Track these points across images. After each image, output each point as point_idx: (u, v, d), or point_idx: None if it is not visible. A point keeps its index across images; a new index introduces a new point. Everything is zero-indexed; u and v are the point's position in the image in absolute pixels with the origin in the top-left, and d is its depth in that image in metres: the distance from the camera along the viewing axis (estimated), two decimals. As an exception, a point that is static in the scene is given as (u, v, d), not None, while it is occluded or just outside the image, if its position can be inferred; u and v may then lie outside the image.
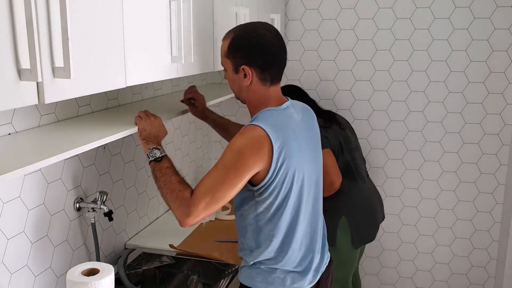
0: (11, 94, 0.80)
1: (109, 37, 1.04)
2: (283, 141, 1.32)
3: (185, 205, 1.29)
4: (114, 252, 1.84)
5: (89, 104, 1.59)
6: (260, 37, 1.36)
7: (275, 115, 1.37)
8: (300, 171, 1.38)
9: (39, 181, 1.41)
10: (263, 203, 1.36)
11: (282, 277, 1.42)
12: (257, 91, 1.40)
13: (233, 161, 1.28)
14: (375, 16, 2.52)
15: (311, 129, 1.49)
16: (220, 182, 1.28)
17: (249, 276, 1.45)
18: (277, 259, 1.41)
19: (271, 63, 1.38)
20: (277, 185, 1.33)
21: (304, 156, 1.40)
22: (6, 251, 1.29)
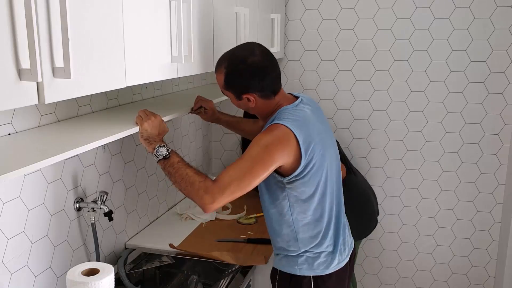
0: (11, 94, 0.80)
1: (109, 37, 1.04)
2: (306, 134, 1.42)
3: (210, 193, 1.35)
4: (114, 252, 1.84)
5: (89, 104, 1.59)
6: (250, 67, 1.44)
7: (292, 112, 1.47)
8: (324, 158, 1.48)
9: (39, 181, 1.41)
10: (295, 191, 1.46)
11: (325, 260, 1.53)
12: (264, 106, 1.51)
13: (260, 154, 1.37)
14: (375, 16, 2.52)
15: (321, 118, 1.59)
16: (247, 172, 1.37)
17: (291, 265, 1.55)
18: (319, 243, 1.52)
19: (268, 83, 1.47)
20: (308, 174, 1.43)
21: (324, 144, 1.49)
22: (6, 251, 1.29)
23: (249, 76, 1.44)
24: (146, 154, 2.05)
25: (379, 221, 2.76)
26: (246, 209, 2.27)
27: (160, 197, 2.22)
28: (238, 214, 2.21)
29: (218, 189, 1.35)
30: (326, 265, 1.54)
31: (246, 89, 1.46)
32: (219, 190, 1.35)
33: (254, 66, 1.44)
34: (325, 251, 1.54)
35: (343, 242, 1.59)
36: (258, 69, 1.44)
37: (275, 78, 1.49)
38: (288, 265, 1.56)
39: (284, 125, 1.40)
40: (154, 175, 2.14)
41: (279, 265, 1.59)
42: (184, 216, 2.18)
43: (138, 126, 1.40)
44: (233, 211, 2.26)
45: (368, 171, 2.70)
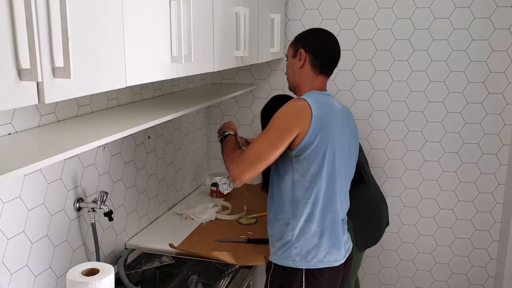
0: (11, 94, 0.80)
1: (109, 37, 1.04)
2: (323, 113, 1.52)
3: (235, 164, 1.53)
4: (114, 252, 1.84)
5: (89, 104, 1.59)
6: (321, 34, 1.67)
7: (319, 96, 1.59)
8: (335, 147, 1.54)
9: (39, 181, 1.41)
10: (300, 168, 1.52)
11: (319, 252, 1.56)
12: (307, 77, 1.64)
13: (276, 124, 1.52)
14: (375, 16, 2.52)
15: (349, 122, 1.69)
16: (264, 144, 1.50)
17: (285, 256, 1.58)
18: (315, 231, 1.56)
19: (323, 54, 1.63)
20: (313, 150, 1.50)
21: (339, 137, 1.57)
22: (6, 251, 1.29)
23: (315, 38, 1.65)
24: (146, 154, 2.05)
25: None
26: (246, 209, 2.27)
27: (160, 197, 2.22)
28: (238, 214, 2.21)
29: (242, 160, 1.52)
30: (319, 258, 1.56)
31: (306, 44, 1.63)
32: (243, 161, 1.51)
33: (324, 35, 1.66)
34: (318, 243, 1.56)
35: (339, 239, 1.60)
36: (324, 39, 1.64)
37: (330, 58, 1.64)
38: (282, 257, 1.59)
39: (304, 99, 1.53)
40: (154, 175, 2.14)
41: (274, 258, 1.62)
42: (184, 216, 2.18)
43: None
44: (233, 211, 2.26)
45: (368, 171, 2.70)
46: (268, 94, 2.72)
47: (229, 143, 1.65)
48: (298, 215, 1.56)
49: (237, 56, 1.87)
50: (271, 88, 2.73)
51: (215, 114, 2.80)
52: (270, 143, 1.49)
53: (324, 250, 1.57)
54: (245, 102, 2.77)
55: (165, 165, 2.24)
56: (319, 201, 1.55)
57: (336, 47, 1.67)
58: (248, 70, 2.72)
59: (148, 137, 2.06)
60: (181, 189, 2.44)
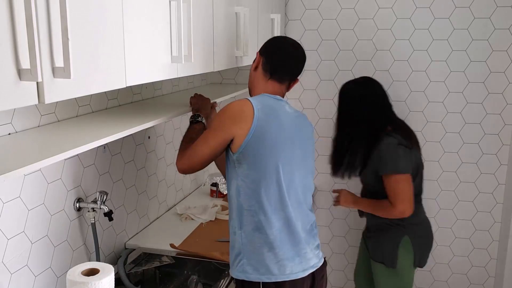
0: (11, 94, 0.80)
1: (109, 37, 1.04)
2: (266, 115, 1.45)
3: (179, 154, 1.56)
4: (114, 252, 1.84)
5: (89, 104, 1.59)
6: (283, 41, 1.62)
7: (267, 98, 1.53)
8: (280, 151, 1.46)
9: (39, 181, 1.41)
10: (242, 174, 1.46)
11: (271, 264, 1.47)
12: (258, 80, 1.60)
13: (214, 122, 1.50)
14: (375, 16, 2.52)
15: (304, 129, 1.60)
16: (201, 141, 1.49)
17: (238, 269, 1.50)
18: (263, 241, 1.46)
19: (275, 59, 1.57)
20: (253, 155, 1.44)
21: (287, 140, 1.49)
22: (6, 251, 1.29)
23: (276, 44, 1.61)
24: (146, 154, 2.05)
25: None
26: None
27: (160, 197, 2.22)
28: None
29: (183, 152, 1.54)
30: (273, 271, 1.46)
31: (264, 48, 1.61)
32: (183, 153, 1.53)
33: (285, 44, 1.60)
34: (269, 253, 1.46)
35: (296, 249, 1.50)
36: (284, 47, 1.59)
37: (284, 68, 1.58)
38: (237, 270, 1.51)
39: (249, 100, 1.48)
40: (154, 175, 2.14)
41: (231, 271, 1.54)
42: (184, 216, 2.18)
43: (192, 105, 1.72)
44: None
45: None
46: (268, 94, 2.72)
47: (194, 130, 1.62)
48: (245, 224, 1.47)
49: (237, 56, 1.87)
50: (271, 88, 2.72)
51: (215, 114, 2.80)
52: (206, 142, 1.47)
53: (277, 262, 1.47)
54: (245, 102, 2.76)
55: (165, 165, 2.24)
56: (263, 209, 1.45)
57: (295, 55, 1.58)
58: (248, 70, 2.72)
59: (148, 137, 2.06)
60: (181, 189, 2.44)
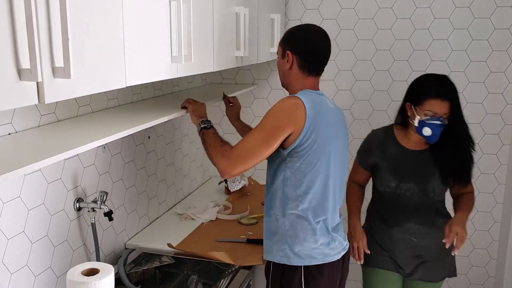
0: (11, 94, 0.80)
1: (109, 37, 1.04)
2: (316, 113, 1.50)
3: (225, 157, 1.51)
4: (114, 252, 1.84)
5: (89, 104, 1.59)
6: (308, 33, 1.62)
7: (312, 95, 1.57)
8: (328, 146, 1.54)
9: (39, 181, 1.41)
10: (292, 167, 1.52)
11: (313, 249, 1.56)
12: (296, 78, 1.61)
13: (270, 122, 1.50)
14: (375, 16, 2.52)
15: (342, 123, 1.68)
16: (257, 140, 1.49)
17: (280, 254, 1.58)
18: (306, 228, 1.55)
19: (311, 56, 1.60)
20: (306, 149, 1.49)
21: (332, 136, 1.56)
22: (6, 251, 1.29)
23: (302, 39, 1.60)
24: (146, 154, 2.05)
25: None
26: (249, 209, 2.26)
27: (160, 197, 2.22)
28: (240, 214, 2.21)
29: (233, 155, 1.50)
30: (313, 255, 1.56)
31: (293, 46, 1.59)
32: (234, 156, 1.50)
33: (311, 35, 1.60)
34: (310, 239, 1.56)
35: (332, 236, 1.60)
36: (311, 39, 1.60)
37: (320, 62, 1.61)
38: (278, 255, 1.58)
39: (297, 97, 1.51)
40: (154, 175, 2.14)
41: (269, 256, 1.62)
42: (184, 216, 2.18)
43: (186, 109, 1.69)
44: (235, 211, 2.26)
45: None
46: (268, 94, 2.72)
47: (214, 135, 1.61)
48: (288, 212, 1.56)
49: (237, 56, 1.87)
50: (271, 88, 2.73)
51: (215, 113, 2.80)
52: (263, 140, 1.48)
53: (317, 248, 1.57)
54: (245, 102, 2.76)
55: (165, 165, 2.24)
56: (309, 199, 1.54)
57: (325, 45, 1.62)
58: (248, 70, 2.72)
59: (148, 137, 2.06)
60: (181, 189, 2.44)
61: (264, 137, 1.49)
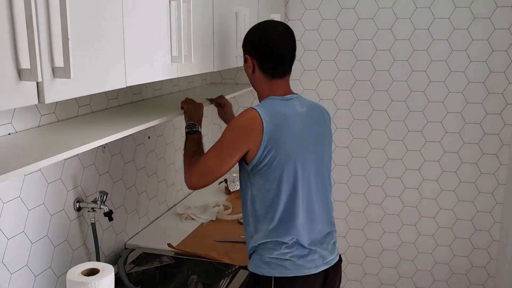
0: (11, 94, 0.80)
1: (109, 37, 1.04)
2: (276, 126, 1.42)
3: (190, 171, 1.52)
4: (114, 252, 1.84)
5: (89, 104, 1.59)
6: (265, 34, 1.51)
7: (275, 103, 1.48)
8: (293, 159, 1.45)
9: (39, 181, 1.41)
10: (256, 184, 1.47)
11: (285, 262, 1.47)
12: (261, 82, 1.54)
13: (227, 138, 1.46)
14: (375, 16, 2.52)
15: (316, 122, 1.56)
16: (215, 156, 1.47)
17: (255, 264, 1.51)
18: (278, 243, 1.48)
19: (270, 58, 1.50)
20: (266, 166, 1.43)
21: (299, 146, 1.47)
22: (6, 251, 1.29)
23: (259, 41, 1.50)
24: (146, 154, 2.05)
25: (379, 221, 2.76)
26: None
27: (160, 197, 2.22)
28: (239, 214, 2.20)
29: (195, 169, 1.50)
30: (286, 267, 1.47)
31: (251, 49, 1.52)
32: (195, 170, 1.50)
33: (268, 36, 1.50)
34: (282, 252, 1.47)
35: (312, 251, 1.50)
36: (268, 40, 1.49)
37: (282, 63, 1.51)
38: (252, 263, 1.52)
39: (256, 110, 1.44)
40: (154, 175, 2.14)
41: (249, 265, 1.56)
42: (184, 216, 2.18)
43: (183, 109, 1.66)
44: (235, 211, 2.26)
45: (368, 171, 2.70)
46: (268, 94, 2.72)
47: (193, 142, 1.59)
48: (260, 229, 1.49)
49: (237, 56, 1.87)
50: (271, 88, 2.72)
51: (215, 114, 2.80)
52: (220, 157, 1.45)
53: (290, 259, 1.47)
54: (245, 102, 2.77)
55: (165, 165, 2.24)
56: (279, 216, 1.46)
57: (285, 42, 1.50)
58: (248, 70, 2.72)
59: (148, 137, 2.06)
60: (181, 189, 2.44)
61: (221, 153, 1.44)
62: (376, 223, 2.76)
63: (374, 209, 2.75)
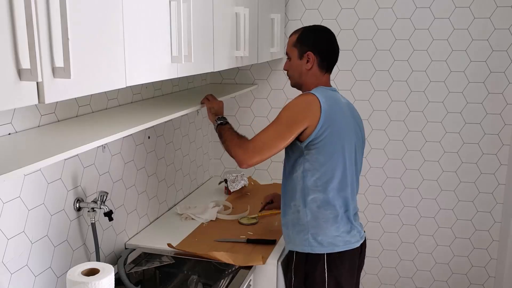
0: (11, 94, 0.80)
1: (109, 37, 1.04)
2: (331, 108, 1.60)
3: (243, 149, 1.61)
4: (114, 252, 1.84)
5: (89, 104, 1.59)
6: (325, 33, 1.74)
7: (327, 91, 1.68)
8: (343, 139, 1.63)
9: (39, 181, 1.41)
10: (310, 159, 1.61)
11: (335, 237, 1.63)
12: (314, 77, 1.72)
13: (286, 116, 1.60)
14: (375, 16, 2.52)
15: (354, 113, 1.76)
16: (273, 133, 1.59)
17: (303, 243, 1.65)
18: (327, 217, 1.63)
19: (330, 55, 1.73)
20: (322, 142, 1.58)
21: (347, 128, 1.66)
22: (6, 251, 1.29)
23: (323, 39, 1.71)
24: (146, 154, 2.05)
25: (379, 221, 2.76)
26: (249, 209, 2.26)
27: (160, 197, 2.22)
28: (240, 214, 2.20)
29: (250, 146, 1.60)
30: (336, 243, 1.63)
31: (313, 47, 1.69)
32: (251, 147, 1.60)
33: (329, 36, 1.73)
34: (332, 227, 1.63)
35: (352, 224, 1.68)
36: (331, 41, 1.73)
37: (335, 60, 1.75)
38: (301, 244, 1.66)
39: (312, 93, 1.62)
40: (154, 175, 2.14)
41: (292, 246, 1.69)
42: (184, 216, 2.18)
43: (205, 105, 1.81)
44: (235, 211, 2.26)
45: (368, 171, 2.70)
46: (268, 94, 2.72)
47: (230, 130, 1.72)
48: (309, 203, 1.63)
49: (237, 56, 1.87)
50: (271, 88, 2.73)
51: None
52: (279, 134, 1.58)
53: (338, 235, 1.64)
54: (245, 102, 2.77)
55: (165, 165, 2.24)
56: (329, 189, 1.62)
57: (337, 43, 1.75)
58: (248, 70, 2.72)
59: (148, 137, 2.06)
60: (181, 189, 2.44)
61: (280, 130, 1.58)
62: (376, 223, 2.76)
63: (374, 209, 2.75)
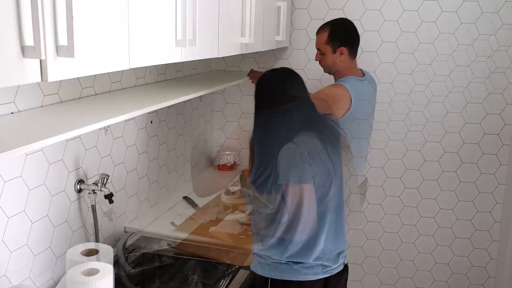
0: (14, 71, 0.80)
1: (114, 17, 1.03)
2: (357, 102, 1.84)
3: None
4: (114, 235, 1.85)
5: (92, 86, 1.58)
6: (351, 25, 2.04)
7: (357, 84, 1.93)
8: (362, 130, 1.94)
9: (40, 161, 1.41)
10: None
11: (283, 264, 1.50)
12: (346, 64, 2.01)
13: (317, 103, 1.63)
14: (382, 7, 2.49)
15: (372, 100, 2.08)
16: None
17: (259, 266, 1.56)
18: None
19: (356, 44, 2.03)
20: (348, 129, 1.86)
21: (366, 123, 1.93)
22: (6, 230, 1.30)
23: (351, 32, 2.02)
24: (148, 138, 2.05)
25: (380, 221, 2.75)
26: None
27: (161, 182, 2.22)
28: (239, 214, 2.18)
29: None
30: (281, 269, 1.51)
31: (345, 42, 1.98)
32: None
33: (354, 28, 2.04)
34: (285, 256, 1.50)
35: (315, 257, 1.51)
36: (356, 32, 2.04)
37: (358, 44, 2.05)
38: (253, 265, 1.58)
39: (344, 85, 1.87)
40: (155, 160, 2.14)
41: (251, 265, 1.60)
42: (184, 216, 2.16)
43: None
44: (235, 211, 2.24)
45: (368, 171, 2.68)
46: (272, 84, 2.71)
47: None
48: None
49: (242, 43, 1.85)
50: (275, 78, 2.71)
51: (218, 101, 2.79)
52: None
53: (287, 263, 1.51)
54: (249, 90, 2.74)
55: (166, 151, 2.24)
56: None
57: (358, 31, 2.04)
58: (252, 57, 2.70)
59: (151, 122, 2.06)
60: (182, 174, 2.44)
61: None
62: (376, 223, 2.75)
63: (374, 209, 2.73)
